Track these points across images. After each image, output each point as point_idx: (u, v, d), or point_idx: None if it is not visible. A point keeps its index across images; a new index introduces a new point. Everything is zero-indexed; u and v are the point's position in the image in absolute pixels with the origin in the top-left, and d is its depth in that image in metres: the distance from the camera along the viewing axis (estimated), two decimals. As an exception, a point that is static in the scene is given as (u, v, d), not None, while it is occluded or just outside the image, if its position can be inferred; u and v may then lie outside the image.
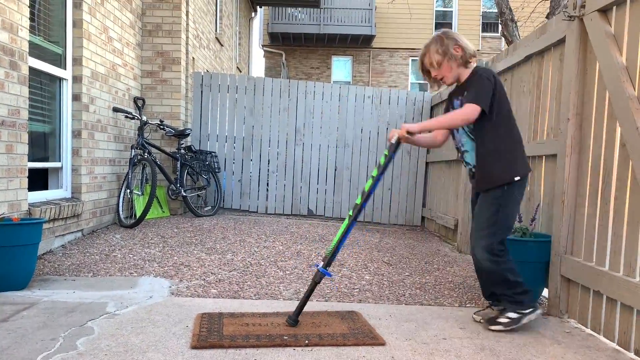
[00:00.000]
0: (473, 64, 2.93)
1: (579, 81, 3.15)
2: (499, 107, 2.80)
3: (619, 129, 2.73)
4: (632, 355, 2.52)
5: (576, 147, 3.15)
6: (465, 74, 2.92)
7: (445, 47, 2.86)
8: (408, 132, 2.82)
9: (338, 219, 7.53)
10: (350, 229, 2.86)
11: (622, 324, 2.62)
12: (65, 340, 2.41)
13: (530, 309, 2.82)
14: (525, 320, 2.80)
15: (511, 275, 2.83)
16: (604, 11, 2.92)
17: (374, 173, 2.87)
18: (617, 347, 2.63)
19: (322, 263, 2.82)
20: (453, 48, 2.85)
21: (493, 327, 2.81)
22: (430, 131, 3.06)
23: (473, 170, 2.95)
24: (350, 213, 2.86)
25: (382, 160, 2.88)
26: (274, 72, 20.94)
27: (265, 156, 7.48)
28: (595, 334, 2.84)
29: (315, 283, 2.81)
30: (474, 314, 3.05)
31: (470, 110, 2.74)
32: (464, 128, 2.91)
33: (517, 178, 2.82)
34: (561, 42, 3.44)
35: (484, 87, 2.77)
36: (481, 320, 2.96)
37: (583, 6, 3.08)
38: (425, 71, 2.98)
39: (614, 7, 2.85)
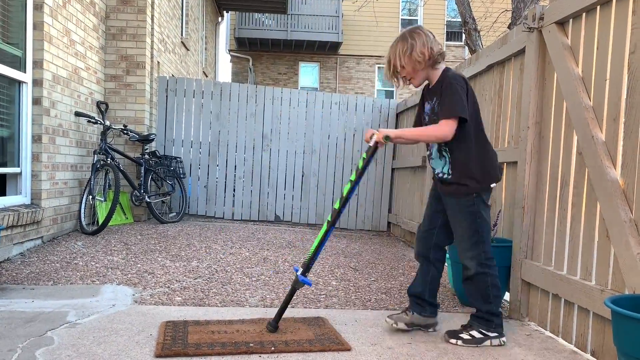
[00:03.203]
0: (442, 65, 2.84)
1: (538, 91, 3.25)
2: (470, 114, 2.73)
3: (575, 138, 2.83)
4: (588, 356, 2.60)
5: (535, 154, 3.24)
6: (434, 75, 2.82)
7: (409, 48, 2.73)
8: (385, 138, 2.75)
9: (305, 224, 7.54)
10: (329, 234, 2.84)
11: (579, 326, 2.71)
12: (23, 351, 2.35)
13: (496, 334, 2.74)
14: (486, 343, 2.71)
15: (493, 291, 2.77)
16: (562, 24, 3.03)
17: (352, 177, 2.81)
18: (575, 349, 2.72)
19: (301, 269, 2.80)
20: (419, 49, 2.72)
21: (452, 341, 2.73)
22: (404, 140, 3.00)
23: (439, 175, 2.87)
24: (329, 218, 2.83)
25: (360, 164, 2.82)
26: (241, 77, 20.86)
27: (232, 162, 7.44)
28: (554, 337, 2.93)
29: (294, 290, 2.80)
30: (388, 317, 2.91)
31: (447, 129, 2.65)
32: None
33: (493, 185, 2.81)
34: (521, 52, 3.55)
35: (458, 97, 2.66)
36: (394, 325, 2.86)
37: (542, 18, 3.19)
38: (392, 72, 2.86)
39: (571, 20, 2.96)
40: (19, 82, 4.52)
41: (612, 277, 2.47)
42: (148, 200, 6.21)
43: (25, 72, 4.56)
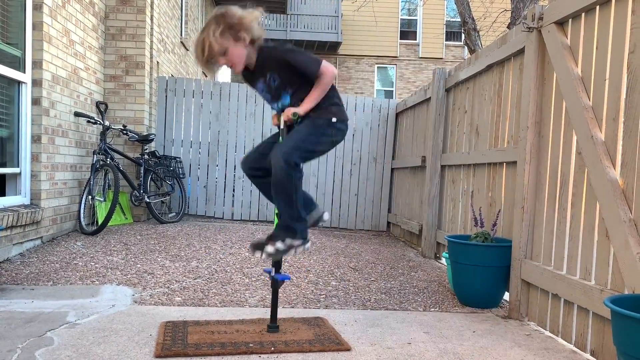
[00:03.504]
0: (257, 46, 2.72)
1: (537, 91, 3.25)
2: None
3: (575, 138, 2.83)
4: (588, 356, 2.60)
5: (535, 154, 3.25)
6: (254, 54, 2.72)
7: (231, 30, 2.59)
8: (294, 115, 2.71)
9: (304, 224, 7.53)
10: None
11: (578, 326, 2.71)
12: (23, 351, 2.35)
13: (301, 241, 2.66)
14: (291, 253, 2.65)
15: (296, 195, 2.65)
16: (561, 23, 3.03)
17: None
18: (575, 349, 2.72)
19: (273, 269, 2.79)
20: (240, 29, 2.59)
21: (257, 254, 2.64)
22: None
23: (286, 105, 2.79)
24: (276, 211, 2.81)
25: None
26: (240, 77, 20.80)
27: (232, 162, 7.44)
28: (554, 336, 2.93)
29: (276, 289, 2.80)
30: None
31: (330, 69, 2.69)
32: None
33: (334, 119, 2.75)
34: (521, 52, 3.55)
35: (304, 53, 2.76)
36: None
37: (541, 18, 3.19)
38: (208, 60, 2.67)
39: (570, 20, 2.96)
40: (19, 82, 4.52)
41: (611, 277, 2.47)
42: (147, 200, 6.21)
43: (24, 72, 4.55)
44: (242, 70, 2.82)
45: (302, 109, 2.73)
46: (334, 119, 2.78)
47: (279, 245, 2.62)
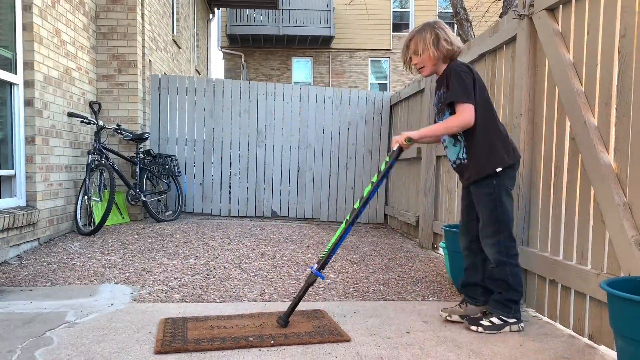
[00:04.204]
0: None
1: (530, 78, 3.25)
2: (480, 99, 2.76)
3: (568, 124, 2.84)
4: (586, 340, 2.62)
5: (529, 141, 3.25)
6: (443, 69, 2.86)
7: (435, 38, 2.78)
8: (408, 140, 2.77)
9: (302, 219, 7.54)
10: (348, 232, 2.87)
11: (576, 310, 2.73)
12: (22, 352, 2.35)
13: (515, 320, 2.74)
14: (506, 329, 2.71)
15: (513, 280, 2.75)
16: (552, 10, 3.04)
17: (374, 179, 2.86)
18: (573, 333, 2.74)
19: (316, 265, 2.82)
20: (444, 40, 2.77)
21: (472, 327, 2.73)
22: (426, 139, 2.97)
23: (457, 163, 2.90)
24: (348, 217, 2.87)
25: (382, 166, 2.86)
26: (234, 74, 20.81)
27: (227, 158, 7.43)
28: (552, 322, 2.94)
29: (308, 285, 2.82)
30: (442, 310, 2.97)
31: (467, 115, 2.68)
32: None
33: (499, 169, 2.73)
34: (512, 40, 3.55)
35: (463, 84, 2.70)
36: (448, 317, 2.90)
37: (532, 5, 3.19)
38: (407, 56, 2.90)
39: (561, 6, 2.96)
40: (10, 84, 4.50)
41: (607, 261, 2.48)
42: (144, 199, 6.20)
43: (16, 73, 4.53)
44: (428, 76, 2.97)
45: (416, 134, 2.79)
46: (498, 169, 2.74)
47: (494, 319, 2.74)
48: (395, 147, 2.82)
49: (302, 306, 3.18)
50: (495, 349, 2.49)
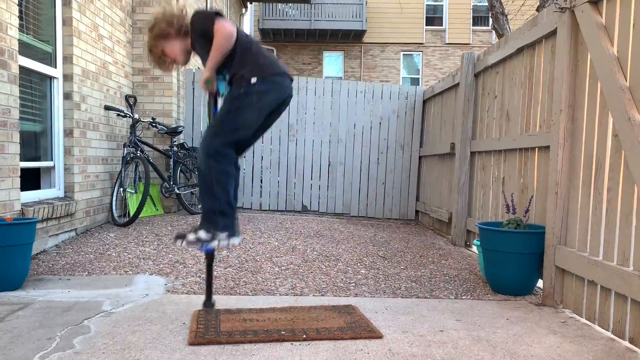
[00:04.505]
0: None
1: (570, 73, 3.16)
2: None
3: (610, 120, 2.75)
4: (627, 343, 2.54)
5: (569, 138, 3.17)
6: (188, 41, 2.82)
7: (160, 31, 2.75)
8: (206, 82, 2.76)
9: (332, 214, 7.54)
10: None
11: (616, 313, 2.65)
12: (61, 339, 2.40)
13: (226, 233, 2.65)
14: (214, 244, 2.63)
15: (218, 188, 2.65)
16: (595, 2, 2.94)
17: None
18: (612, 336, 2.66)
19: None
20: (166, 27, 2.74)
21: (177, 243, 2.68)
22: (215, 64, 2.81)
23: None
24: None
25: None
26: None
27: (259, 153, 7.47)
28: (590, 324, 2.87)
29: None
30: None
31: (227, 25, 2.66)
32: None
33: (254, 80, 2.69)
34: (552, 34, 3.46)
35: (201, 14, 2.78)
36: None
37: (574, -2, 3.09)
38: (159, 61, 2.88)
39: (605, -2, 2.86)
40: (50, 78, 4.61)
41: (651, 263, 2.40)
42: (177, 191, 6.29)
43: (55, 67, 4.64)
44: (187, 60, 2.93)
45: (207, 73, 2.73)
46: (253, 80, 2.68)
47: (201, 234, 2.63)
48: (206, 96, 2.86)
49: (334, 301, 3.18)
50: (531, 350, 2.44)
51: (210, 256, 2.83)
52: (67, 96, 4.75)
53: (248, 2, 16.23)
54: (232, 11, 13.85)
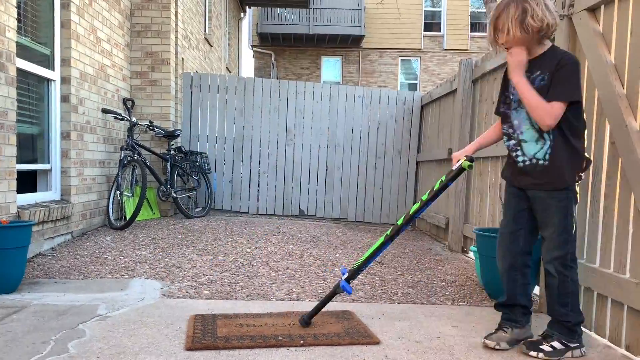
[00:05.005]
0: (548, 41, 2.54)
1: (568, 80, 3.16)
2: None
3: (608, 127, 2.76)
4: (623, 351, 2.54)
5: (566, 145, 3.16)
6: (537, 50, 2.51)
7: (522, 14, 2.39)
8: (467, 157, 2.61)
9: (329, 219, 7.53)
10: (385, 247, 2.78)
11: (612, 320, 2.64)
12: (56, 343, 2.39)
13: (577, 344, 2.48)
14: (567, 355, 2.45)
15: (573, 296, 2.50)
16: (593, 10, 2.95)
17: (424, 197, 2.72)
18: (608, 343, 2.66)
19: (346, 274, 2.76)
20: (530, 18, 2.38)
21: (532, 353, 2.45)
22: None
23: (527, 163, 2.53)
24: (389, 233, 2.77)
25: (436, 185, 2.70)
26: (264, 72, 20.92)
27: (256, 157, 7.47)
28: (587, 330, 2.86)
29: (335, 292, 2.77)
30: (486, 338, 2.57)
31: (558, 113, 2.36)
32: (529, 115, 2.48)
33: (581, 175, 2.53)
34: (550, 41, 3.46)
35: (576, 81, 2.41)
36: (496, 347, 2.53)
37: (572, 5, 3.11)
38: (493, 35, 2.55)
39: (602, 6, 2.88)
40: (48, 80, 4.60)
41: (647, 270, 2.40)
42: (174, 195, 6.28)
43: (53, 70, 4.64)
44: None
45: (471, 148, 2.68)
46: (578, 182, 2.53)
47: (556, 344, 2.47)
48: (455, 166, 2.63)
49: (331, 306, 3.16)
50: (527, 357, 2.43)
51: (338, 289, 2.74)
52: (65, 99, 4.74)
53: (247, 7, 16.28)
54: (231, 15, 13.87)
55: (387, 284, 3.84)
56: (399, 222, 2.76)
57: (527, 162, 2.53)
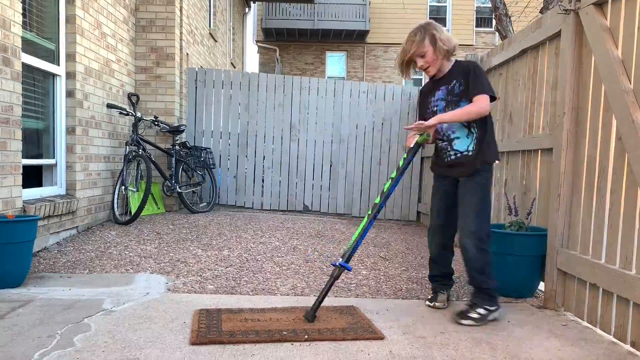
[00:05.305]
0: (453, 58, 3.07)
1: (574, 75, 3.15)
2: None
3: (614, 123, 2.74)
4: (628, 347, 2.53)
5: (572, 140, 3.16)
6: (446, 66, 3.05)
7: (432, 38, 2.95)
8: (423, 135, 3.03)
9: (333, 214, 7.53)
10: (369, 227, 3.01)
11: (618, 316, 2.64)
12: (62, 337, 2.40)
13: (496, 307, 2.92)
14: (490, 318, 2.88)
15: (488, 267, 2.97)
16: (600, 5, 2.93)
17: (393, 175, 3.03)
18: (614, 340, 2.65)
19: (341, 259, 2.86)
20: (439, 40, 2.94)
21: (464, 322, 2.83)
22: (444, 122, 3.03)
23: (458, 155, 3.03)
24: (370, 212, 3.03)
25: (401, 162, 3.04)
26: (268, 67, 20.89)
27: (261, 152, 7.46)
28: (591, 327, 2.86)
29: (334, 279, 2.82)
30: (435, 302, 3.15)
31: (485, 103, 2.86)
32: None
33: (497, 162, 3.14)
34: (557, 35, 3.45)
35: (485, 77, 2.95)
36: (443, 306, 3.13)
37: (579, 0, 3.08)
38: (407, 61, 3.05)
39: (610, 1, 2.85)
40: (53, 75, 4.61)
41: (654, 266, 2.39)
42: (179, 190, 6.29)
43: (58, 65, 4.64)
44: (434, 75, 3.11)
45: (433, 120, 2.95)
46: (496, 161, 3.12)
47: (481, 310, 2.86)
48: (412, 144, 3.06)
49: (335, 302, 3.17)
50: (532, 353, 2.43)
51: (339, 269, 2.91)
52: (70, 94, 4.75)
53: (251, 2, 16.24)
54: (235, 10, 13.85)
55: (391, 280, 3.83)
56: (377, 200, 3.06)
57: (459, 155, 3.03)
